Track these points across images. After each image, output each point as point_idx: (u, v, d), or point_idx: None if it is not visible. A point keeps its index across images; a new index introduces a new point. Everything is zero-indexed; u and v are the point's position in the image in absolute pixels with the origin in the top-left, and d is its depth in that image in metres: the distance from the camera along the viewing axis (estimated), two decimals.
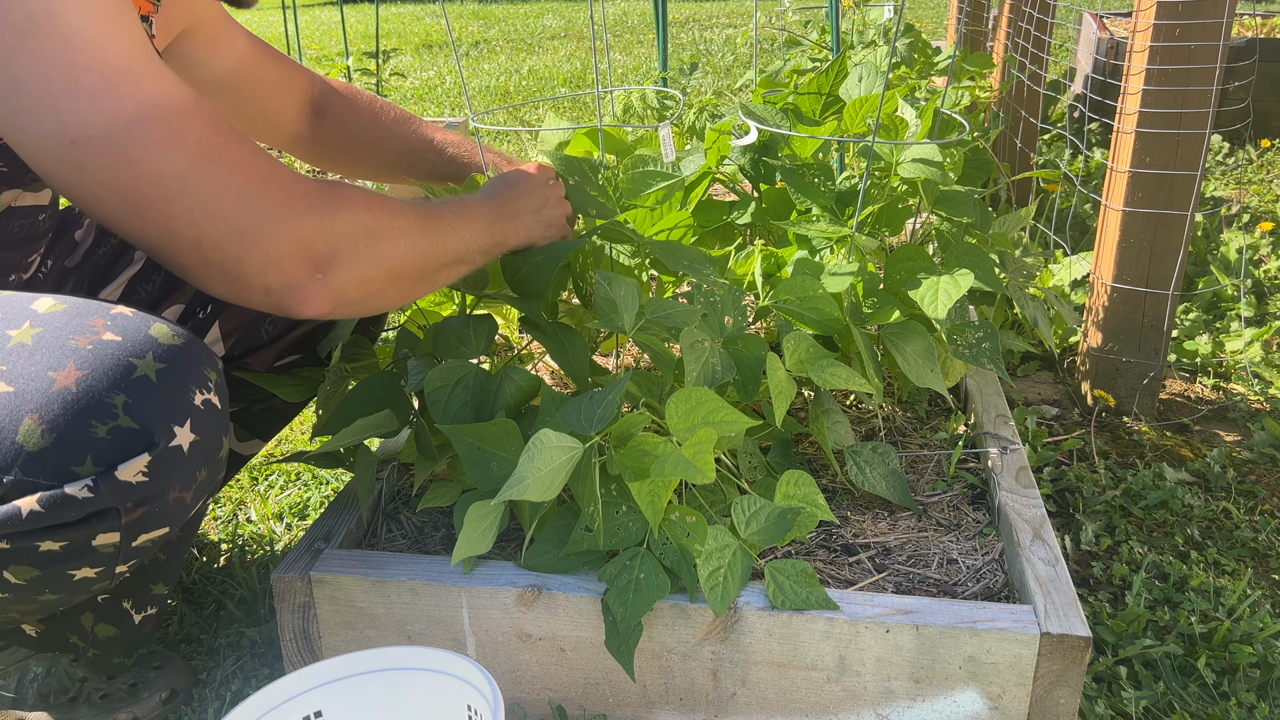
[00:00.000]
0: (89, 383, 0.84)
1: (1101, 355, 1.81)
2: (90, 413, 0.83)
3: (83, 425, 0.83)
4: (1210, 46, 1.61)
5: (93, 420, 0.83)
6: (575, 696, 1.14)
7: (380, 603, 1.13)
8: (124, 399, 0.84)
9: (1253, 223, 2.66)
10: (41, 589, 0.90)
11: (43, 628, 1.10)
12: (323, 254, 0.92)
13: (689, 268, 1.27)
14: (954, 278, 1.28)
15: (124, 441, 0.84)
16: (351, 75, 3.98)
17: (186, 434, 0.88)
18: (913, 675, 1.05)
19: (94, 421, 0.83)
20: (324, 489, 1.73)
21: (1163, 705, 1.18)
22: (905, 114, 1.48)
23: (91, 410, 0.83)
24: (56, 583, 0.89)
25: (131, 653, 1.14)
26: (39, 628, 1.10)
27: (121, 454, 0.84)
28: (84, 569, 0.89)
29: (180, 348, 0.90)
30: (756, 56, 2.05)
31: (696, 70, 2.78)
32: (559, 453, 1.00)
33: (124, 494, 0.85)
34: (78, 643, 1.11)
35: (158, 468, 0.86)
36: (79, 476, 0.83)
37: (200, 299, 1.28)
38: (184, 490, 0.89)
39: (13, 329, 0.86)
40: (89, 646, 1.12)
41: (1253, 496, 1.60)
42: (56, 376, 0.83)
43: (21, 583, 0.88)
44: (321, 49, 7.16)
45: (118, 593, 1.08)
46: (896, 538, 1.23)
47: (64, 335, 0.86)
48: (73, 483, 0.83)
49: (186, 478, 0.89)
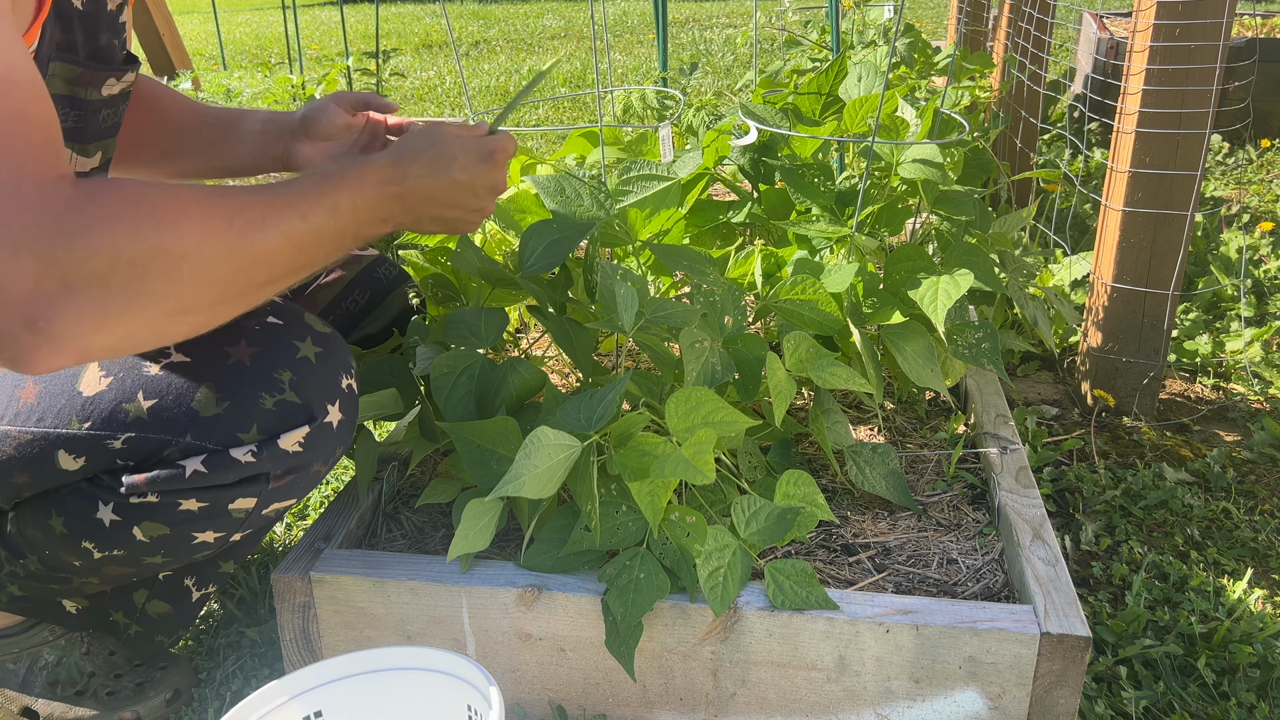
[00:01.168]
0: (261, 358, 0.92)
1: (1101, 355, 1.81)
2: (261, 385, 0.92)
3: (254, 396, 0.91)
4: (1210, 46, 1.60)
5: (263, 392, 0.92)
6: (575, 696, 1.14)
7: (380, 603, 1.13)
8: (290, 376, 0.93)
9: (1253, 223, 2.66)
10: (158, 549, 0.97)
11: (86, 604, 1.13)
12: (47, 296, 0.70)
13: (689, 268, 1.27)
14: (954, 278, 1.28)
15: (288, 413, 0.93)
16: (351, 75, 3.99)
17: (336, 413, 0.97)
18: (913, 675, 1.05)
19: (264, 394, 0.92)
20: (324, 489, 1.73)
21: (1163, 705, 1.18)
22: (905, 114, 1.48)
23: (262, 383, 0.92)
24: (175, 544, 0.97)
25: (174, 633, 1.17)
26: (82, 604, 1.13)
27: (285, 425, 0.93)
28: (208, 532, 0.97)
29: (331, 335, 0.99)
30: (756, 56, 2.05)
31: (696, 70, 2.78)
32: (556, 450, 1.00)
33: (281, 461, 0.93)
34: (120, 619, 1.14)
35: (312, 440, 0.95)
36: (244, 443, 0.91)
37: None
38: (324, 464, 0.98)
39: None
40: (133, 623, 1.14)
41: (1253, 496, 1.60)
42: (231, 351, 0.92)
43: (145, 540, 0.96)
44: (321, 49, 7.16)
45: (183, 570, 1.11)
46: (896, 538, 1.23)
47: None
48: (238, 448, 0.91)
49: (329, 452, 0.98)
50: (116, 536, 0.95)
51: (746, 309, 1.26)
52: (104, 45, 0.95)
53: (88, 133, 0.98)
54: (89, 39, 0.93)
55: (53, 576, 1.03)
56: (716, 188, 1.76)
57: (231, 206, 0.80)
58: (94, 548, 0.97)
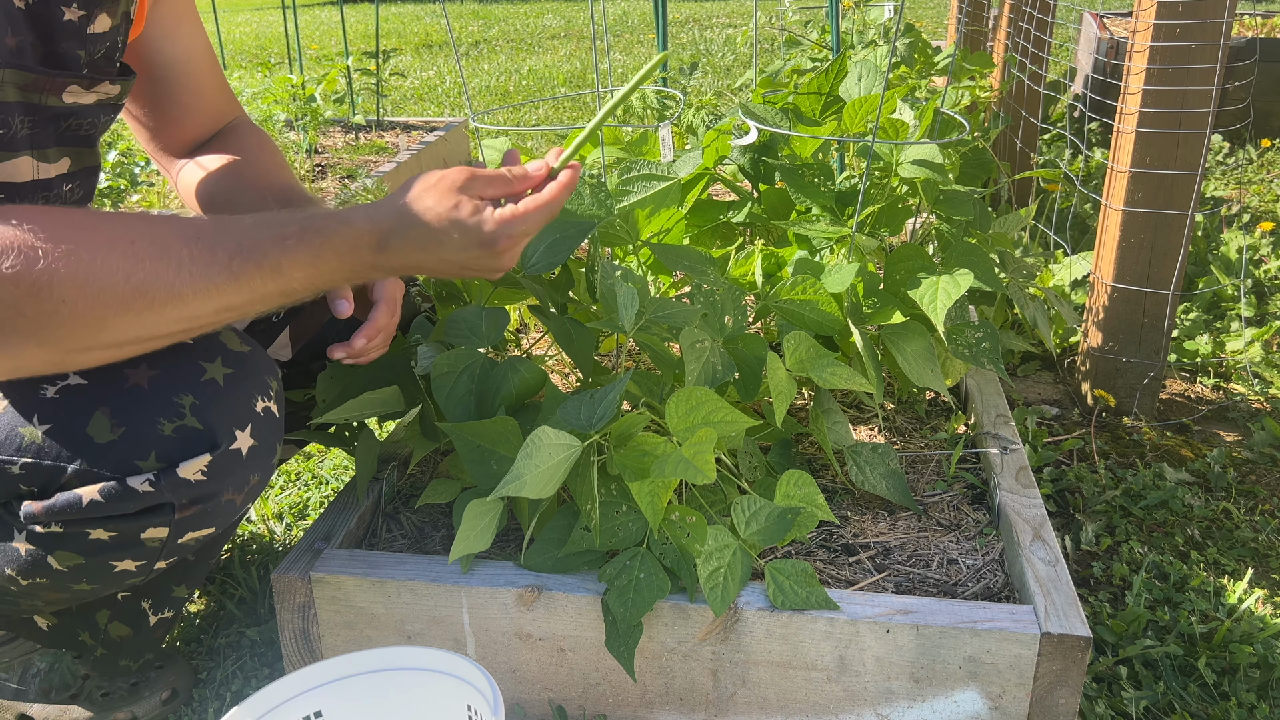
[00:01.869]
0: (160, 382, 0.88)
1: (1102, 355, 1.81)
2: (159, 410, 0.87)
3: (151, 422, 0.87)
4: (1210, 46, 1.60)
5: (160, 418, 0.87)
6: (575, 696, 1.14)
7: (380, 603, 1.13)
8: (192, 400, 0.88)
9: (1253, 222, 2.66)
10: (80, 577, 0.93)
11: (55, 623, 1.10)
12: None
13: (689, 268, 1.27)
14: (954, 278, 1.28)
15: (188, 440, 0.88)
16: (351, 75, 3.99)
17: (246, 438, 0.91)
18: (913, 675, 1.05)
19: (161, 419, 0.87)
20: (324, 489, 1.73)
21: (1163, 705, 1.18)
22: (904, 115, 1.48)
23: (160, 408, 0.87)
24: (96, 572, 0.93)
25: (139, 656, 1.15)
26: (51, 622, 1.10)
27: (184, 452, 0.88)
28: (126, 561, 0.93)
29: (247, 355, 0.93)
30: (756, 56, 2.05)
31: (696, 70, 2.78)
32: (557, 450, 1.00)
33: (182, 491, 0.88)
34: (88, 641, 1.11)
35: (217, 468, 0.89)
36: (141, 471, 0.87)
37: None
38: (236, 493, 0.93)
39: None
40: (98, 645, 1.12)
41: (1253, 496, 1.60)
42: (130, 374, 0.87)
43: (63, 569, 0.92)
44: (321, 49, 7.16)
45: (139, 592, 1.09)
46: (896, 538, 1.23)
47: None
48: (135, 476, 0.87)
49: (241, 481, 0.92)
50: (34, 565, 0.92)
51: (747, 309, 1.26)
52: (63, 52, 0.94)
53: (45, 139, 0.96)
54: (43, 42, 0.92)
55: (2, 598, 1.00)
56: (717, 188, 1.76)
57: (156, 243, 0.81)
58: (17, 575, 0.93)
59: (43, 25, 0.92)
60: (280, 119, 3.35)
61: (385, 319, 1.07)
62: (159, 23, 1.13)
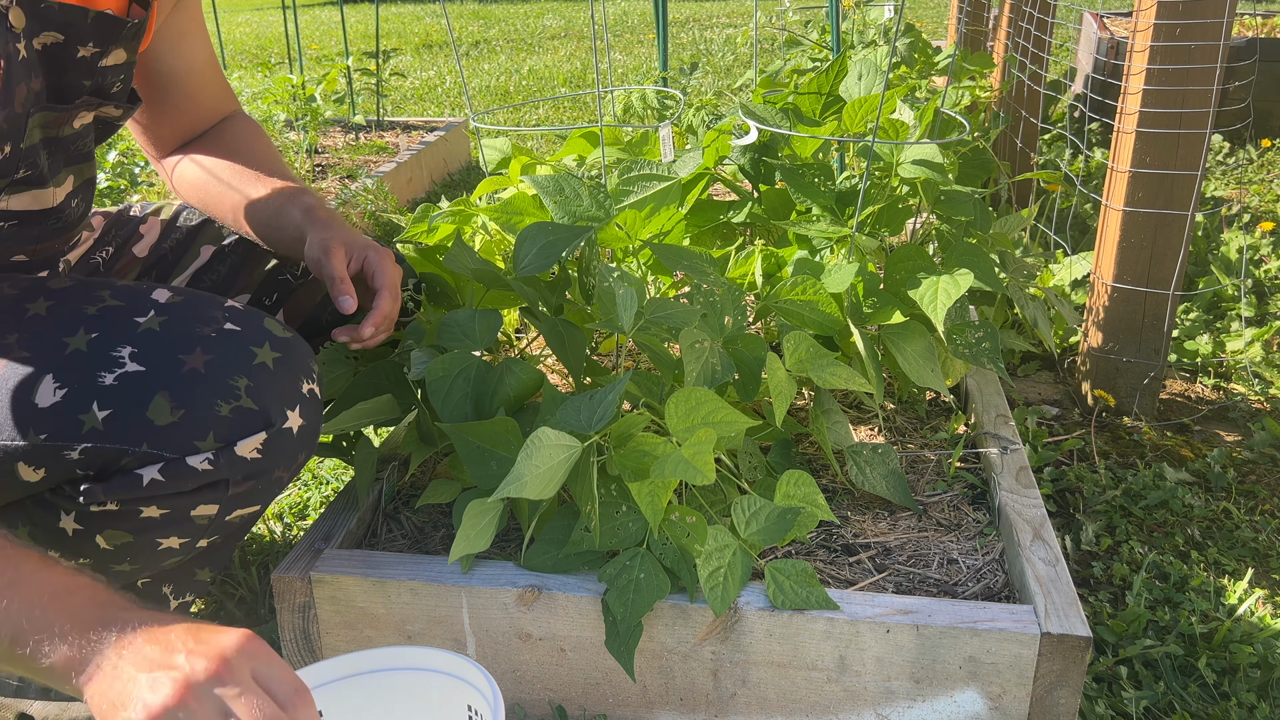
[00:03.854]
0: (216, 365, 0.92)
1: (1102, 355, 1.81)
2: (216, 393, 0.91)
3: (209, 404, 0.91)
4: (1210, 46, 1.60)
5: (218, 400, 0.91)
6: (575, 696, 1.14)
7: (380, 603, 1.13)
8: (246, 382, 0.93)
9: (1253, 222, 2.66)
10: (124, 556, 0.96)
11: None
12: None
13: (689, 268, 1.27)
14: (954, 278, 1.28)
15: (244, 420, 0.92)
16: (351, 75, 3.99)
17: (296, 418, 0.96)
18: (913, 675, 1.05)
19: (219, 401, 0.91)
20: (324, 489, 1.73)
21: (1163, 705, 1.18)
22: (904, 115, 1.48)
23: (218, 390, 0.91)
24: (141, 550, 0.96)
25: None
26: None
27: (241, 431, 0.92)
28: (172, 538, 0.96)
29: (291, 340, 0.99)
30: (757, 56, 2.05)
31: (696, 70, 2.78)
32: (557, 451, 1.00)
33: (239, 468, 0.93)
34: None
35: (271, 446, 0.94)
36: (200, 451, 0.91)
37: (266, 287, 1.28)
38: (285, 470, 0.98)
39: (139, 316, 0.93)
40: None
41: (1253, 496, 1.60)
42: (186, 359, 0.92)
43: (109, 548, 0.95)
44: (321, 49, 7.16)
45: (160, 577, 1.10)
46: (896, 538, 1.23)
47: (189, 324, 0.94)
48: (194, 455, 0.91)
49: (290, 459, 0.97)
50: (80, 545, 0.95)
51: (746, 309, 1.26)
52: (70, 83, 0.98)
53: (57, 165, 1.02)
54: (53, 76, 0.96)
55: None
56: (717, 188, 1.76)
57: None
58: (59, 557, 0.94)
59: (58, 63, 0.96)
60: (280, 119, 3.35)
61: (389, 306, 1.12)
62: (166, 38, 1.18)
